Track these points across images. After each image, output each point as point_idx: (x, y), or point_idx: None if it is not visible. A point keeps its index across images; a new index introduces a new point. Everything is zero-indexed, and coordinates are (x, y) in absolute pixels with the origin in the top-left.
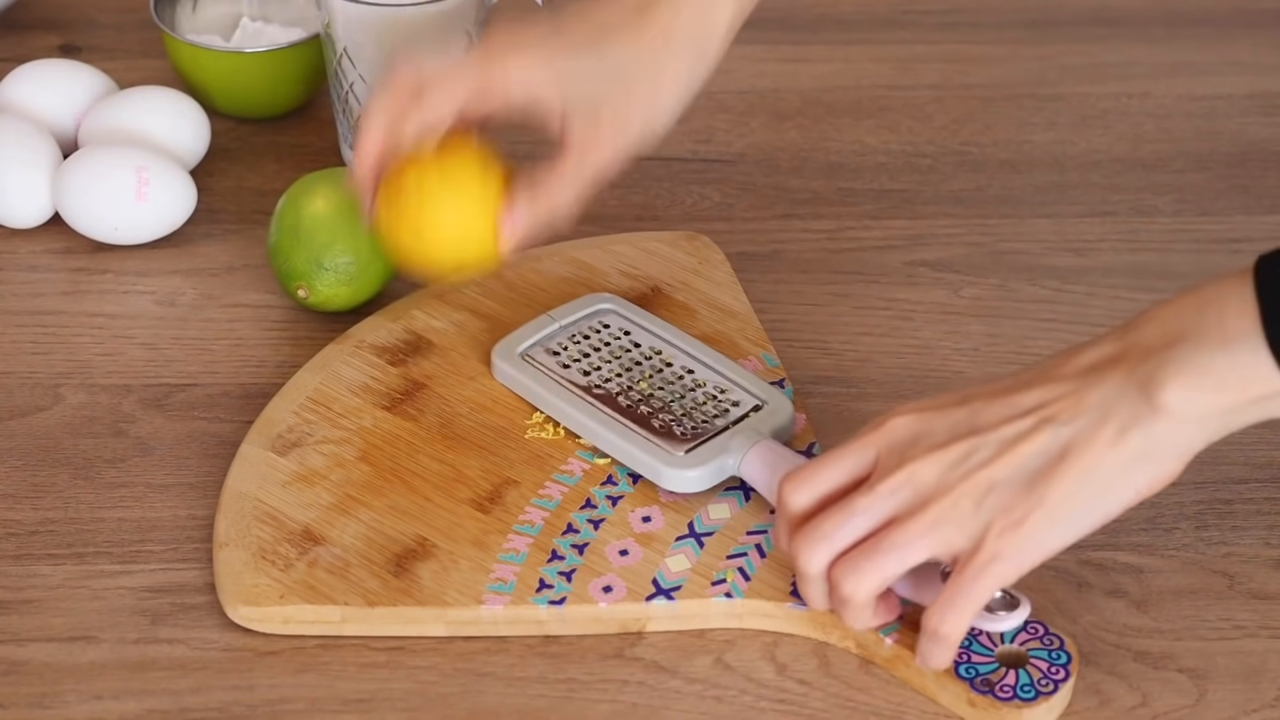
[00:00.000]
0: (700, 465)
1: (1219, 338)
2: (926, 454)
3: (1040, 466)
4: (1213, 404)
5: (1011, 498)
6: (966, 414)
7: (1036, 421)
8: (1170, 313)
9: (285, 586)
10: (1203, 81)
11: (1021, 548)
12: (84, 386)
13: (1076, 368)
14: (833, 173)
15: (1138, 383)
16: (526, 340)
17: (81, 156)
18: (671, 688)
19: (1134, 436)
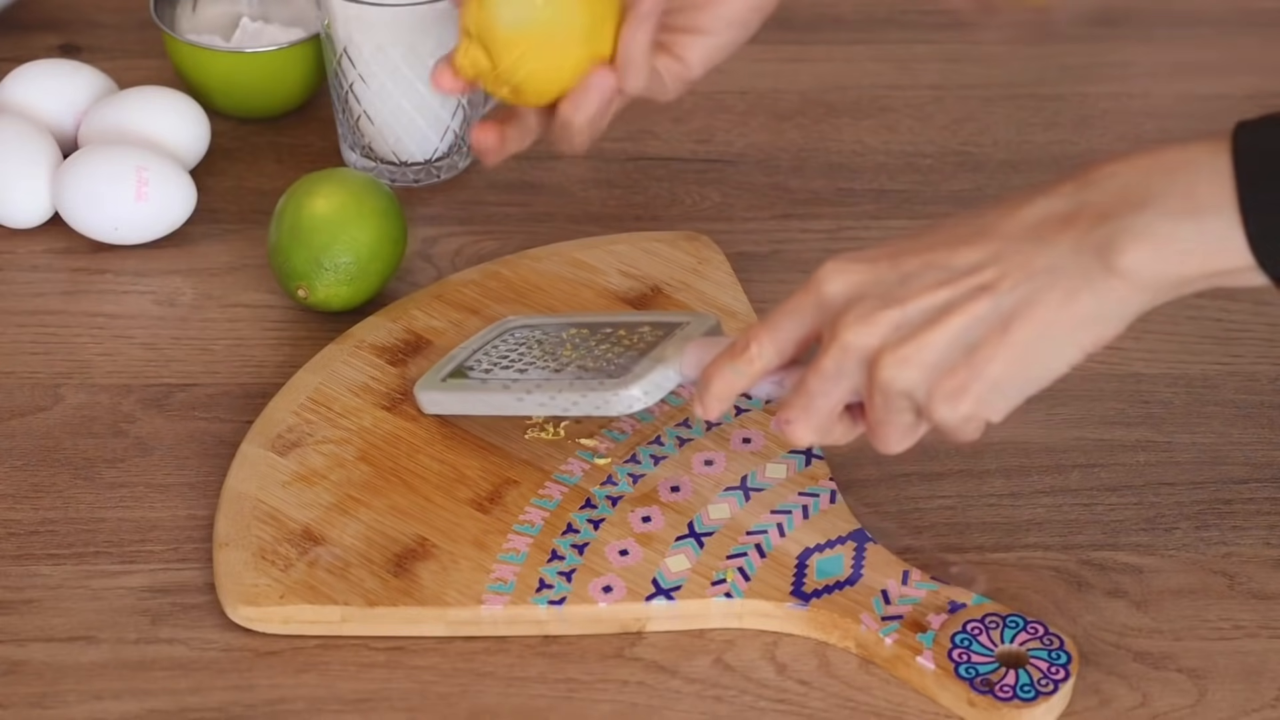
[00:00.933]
0: (641, 379)
1: (1188, 207)
2: (857, 323)
3: (980, 335)
4: (1173, 273)
5: (950, 369)
6: (898, 277)
7: (974, 289)
8: (1132, 174)
9: (285, 586)
10: (1203, 81)
11: (966, 415)
12: (84, 386)
13: (1021, 224)
14: (833, 173)
15: (1093, 245)
16: (444, 369)
17: (81, 156)
18: (671, 688)
19: (1084, 299)
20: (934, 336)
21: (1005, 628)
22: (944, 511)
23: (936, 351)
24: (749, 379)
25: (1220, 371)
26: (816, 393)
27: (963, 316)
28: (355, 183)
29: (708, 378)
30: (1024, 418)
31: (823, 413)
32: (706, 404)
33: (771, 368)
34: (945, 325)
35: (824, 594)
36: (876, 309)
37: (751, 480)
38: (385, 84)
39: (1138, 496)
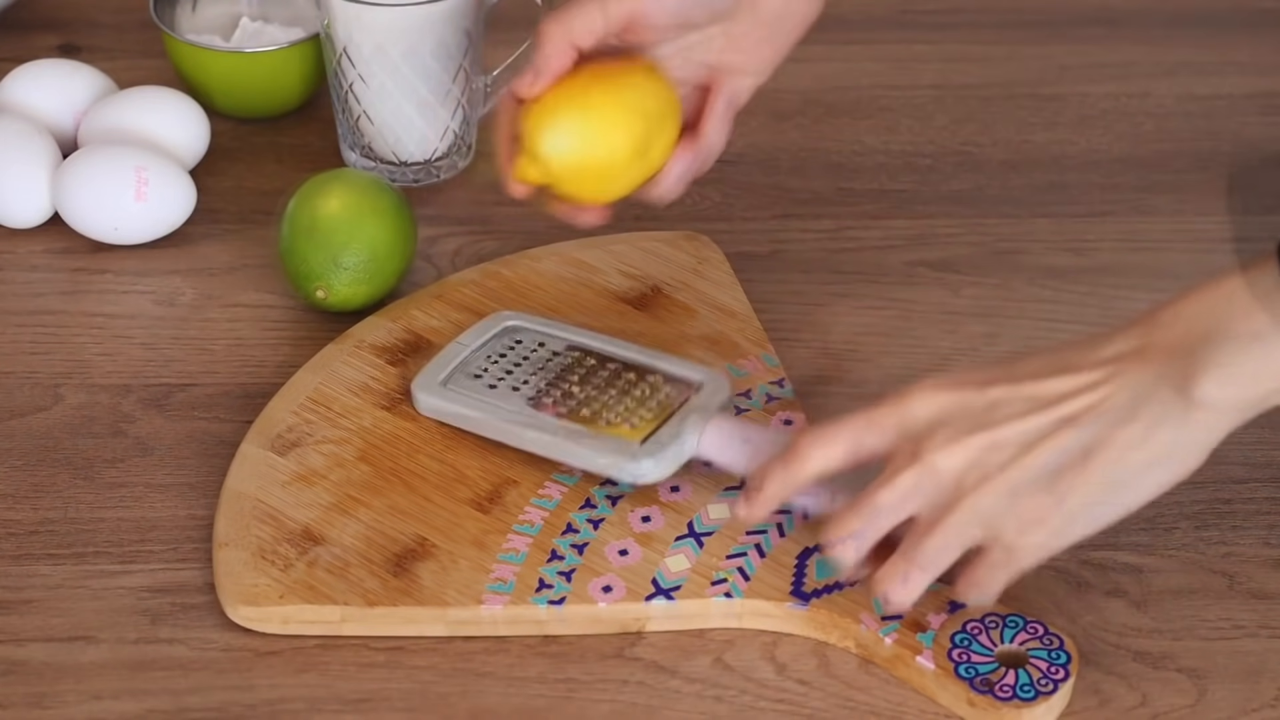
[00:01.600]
0: (658, 453)
1: (1249, 331)
2: (945, 446)
3: (1062, 465)
4: (1249, 395)
5: (1032, 498)
6: (985, 404)
7: (1059, 421)
8: (1194, 307)
9: (285, 586)
10: (1203, 81)
11: (1040, 544)
12: (84, 386)
13: (1098, 359)
14: (833, 173)
15: (1170, 380)
16: (444, 369)
17: (81, 156)
18: (671, 687)
19: (1163, 434)
20: (1022, 464)
21: (1005, 627)
22: None
23: (1023, 479)
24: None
25: None
26: (883, 509)
27: (1050, 446)
28: (363, 182)
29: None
30: None
31: (877, 534)
32: (755, 506)
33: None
34: (1034, 454)
35: (824, 594)
36: (966, 432)
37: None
38: (385, 84)
39: None
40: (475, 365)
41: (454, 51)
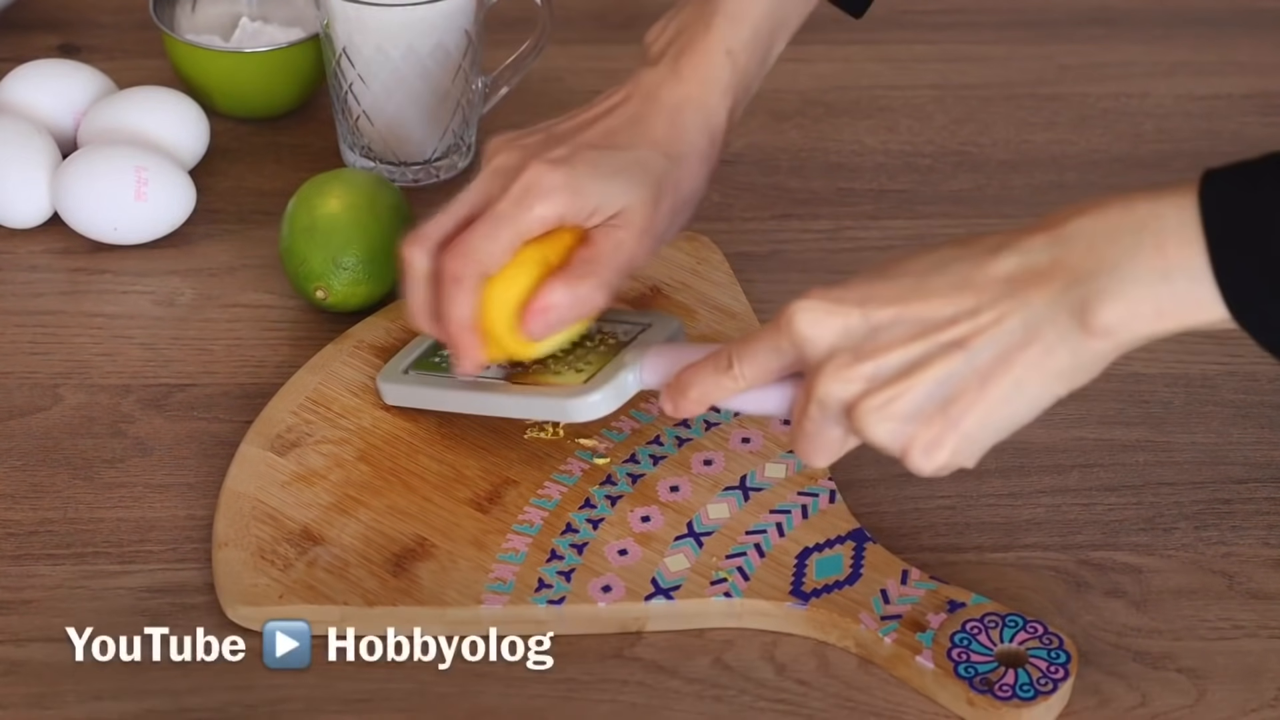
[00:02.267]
0: (601, 387)
1: (1159, 266)
2: (833, 377)
3: (954, 390)
4: (1149, 329)
5: (927, 423)
6: (870, 329)
7: (948, 345)
8: (1100, 230)
9: (284, 586)
10: (1203, 81)
11: (942, 464)
12: (83, 387)
13: (993, 277)
14: (832, 173)
15: (1068, 307)
16: (407, 359)
17: (81, 156)
18: (671, 687)
19: (1060, 355)
20: (908, 390)
21: (1004, 627)
22: (943, 511)
23: (911, 404)
24: (730, 392)
25: (1220, 371)
26: (812, 433)
27: (937, 371)
28: (364, 181)
29: (686, 382)
30: None
31: (827, 445)
32: (680, 405)
33: (754, 387)
34: (919, 379)
35: (823, 593)
36: (850, 362)
37: (751, 480)
38: (385, 84)
39: (1137, 496)
40: (438, 354)
41: (453, 52)
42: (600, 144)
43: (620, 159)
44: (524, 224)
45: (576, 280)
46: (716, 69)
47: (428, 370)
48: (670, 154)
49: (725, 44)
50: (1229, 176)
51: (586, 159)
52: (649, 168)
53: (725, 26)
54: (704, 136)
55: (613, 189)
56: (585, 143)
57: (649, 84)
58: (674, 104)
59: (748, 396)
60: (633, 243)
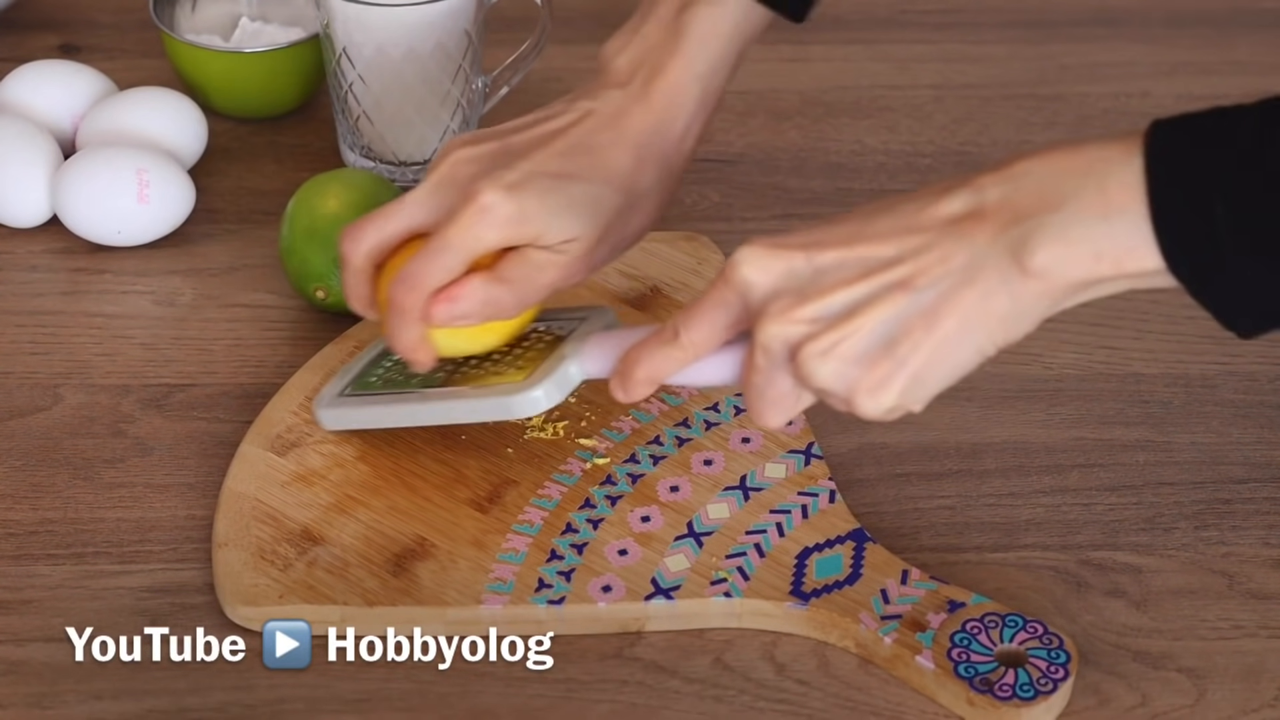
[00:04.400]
0: (542, 381)
1: (1100, 208)
2: (775, 320)
3: (899, 330)
4: (1084, 274)
5: (873, 365)
6: (814, 271)
7: (890, 285)
8: (1048, 173)
9: (284, 586)
10: (1203, 81)
11: (891, 406)
12: (83, 387)
13: (936, 218)
14: (832, 173)
15: (1008, 245)
16: (341, 383)
17: (80, 160)
18: (670, 687)
19: (999, 298)
20: (852, 330)
21: (1004, 627)
22: (943, 511)
23: (855, 345)
24: (680, 363)
25: (1219, 371)
26: (761, 385)
27: (881, 310)
28: (364, 181)
29: (632, 362)
30: (1023, 418)
31: (778, 399)
32: (630, 388)
33: (703, 354)
34: (863, 319)
35: (823, 593)
36: (793, 304)
37: (750, 480)
38: (385, 84)
39: (1137, 496)
40: (372, 373)
41: (453, 52)
42: (556, 171)
43: (574, 192)
44: (472, 250)
45: (495, 283)
46: (687, 94)
47: (364, 390)
48: (627, 190)
49: (696, 68)
50: (1175, 126)
51: (540, 188)
52: (602, 205)
53: (696, 49)
54: (663, 172)
55: (561, 223)
56: (540, 169)
57: (616, 107)
58: (642, 136)
59: (699, 367)
60: (563, 269)
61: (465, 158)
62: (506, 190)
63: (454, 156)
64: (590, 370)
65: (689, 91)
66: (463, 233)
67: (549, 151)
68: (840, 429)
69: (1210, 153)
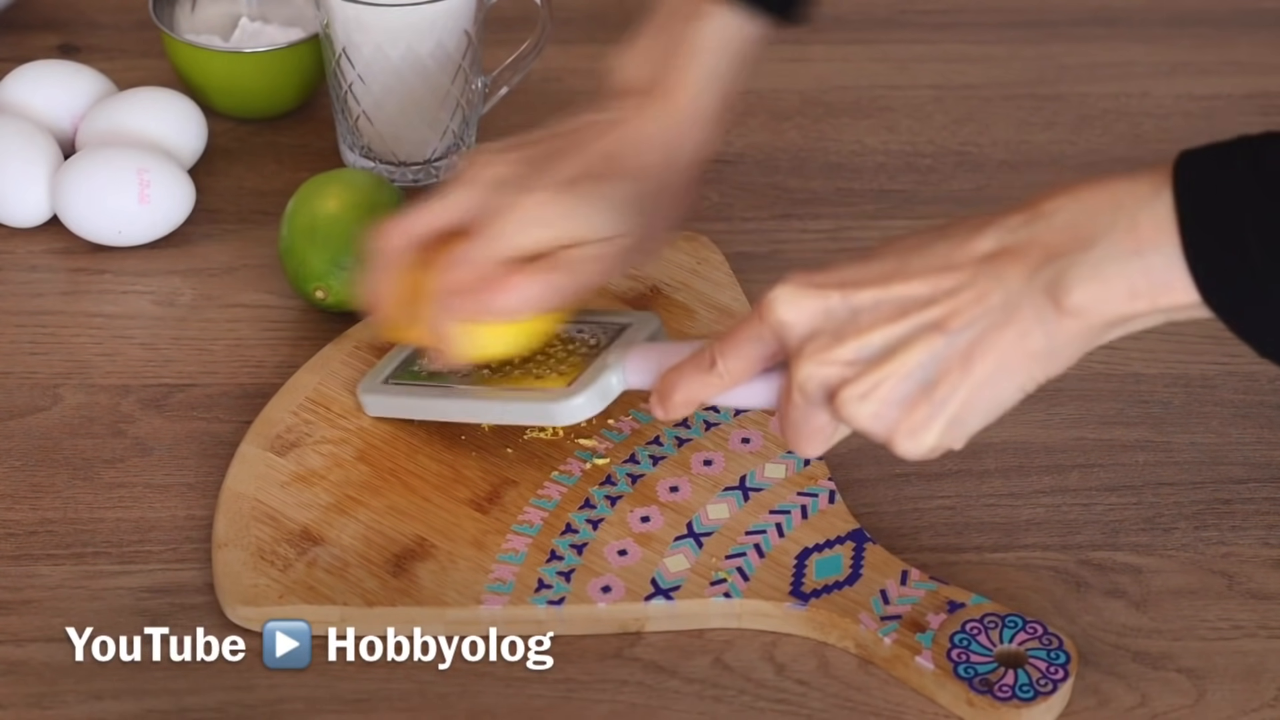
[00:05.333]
0: (585, 389)
1: (1132, 245)
2: (812, 360)
3: (937, 372)
4: (1122, 310)
5: (911, 407)
6: (850, 311)
7: (927, 325)
8: (1078, 209)
9: (284, 587)
10: (1203, 81)
11: (930, 447)
12: (83, 387)
13: (970, 256)
14: (832, 173)
15: (1043, 285)
16: (386, 369)
17: (80, 161)
18: (670, 688)
19: (1036, 337)
20: (889, 373)
21: (1004, 628)
22: (943, 511)
23: (894, 389)
24: (717, 390)
25: (1219, 371)
26: (799, 420)
27: (917, 352)
28: (363, 181)
29: (670, 385)
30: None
31: (814, 433)
32: (669, 409)
33: (739, 382)
34: (900, 361)
35: (823, 594)
36: (830, 345)
37: (750, 480)
38: (384, 84)
39: (1137, 496)
40: (417, 365)
41: (453, 52)
42: (599, 171)
43: (616, 190)
44: (521, 244)
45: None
46: (708, 97)
47: (409, 379)
48: (660, 190)
49: (712, 74)
50: (1202, 157)
51: (585, 189)
52: (641, 203)
53: (711, 53)
54: (690, 169)
55: (608, 219)
56: (584, 170)
57: (635, 114)
58: (669, 138)
59: (735, 392)
60: (605, 267)
61: (500, 161)
62: (557, 188)
63: (487, 160)
64: (632, 381)
65: (711, 94)
66: (513, 227)
67: (588, 154)
68: None
69: (1238, 183)
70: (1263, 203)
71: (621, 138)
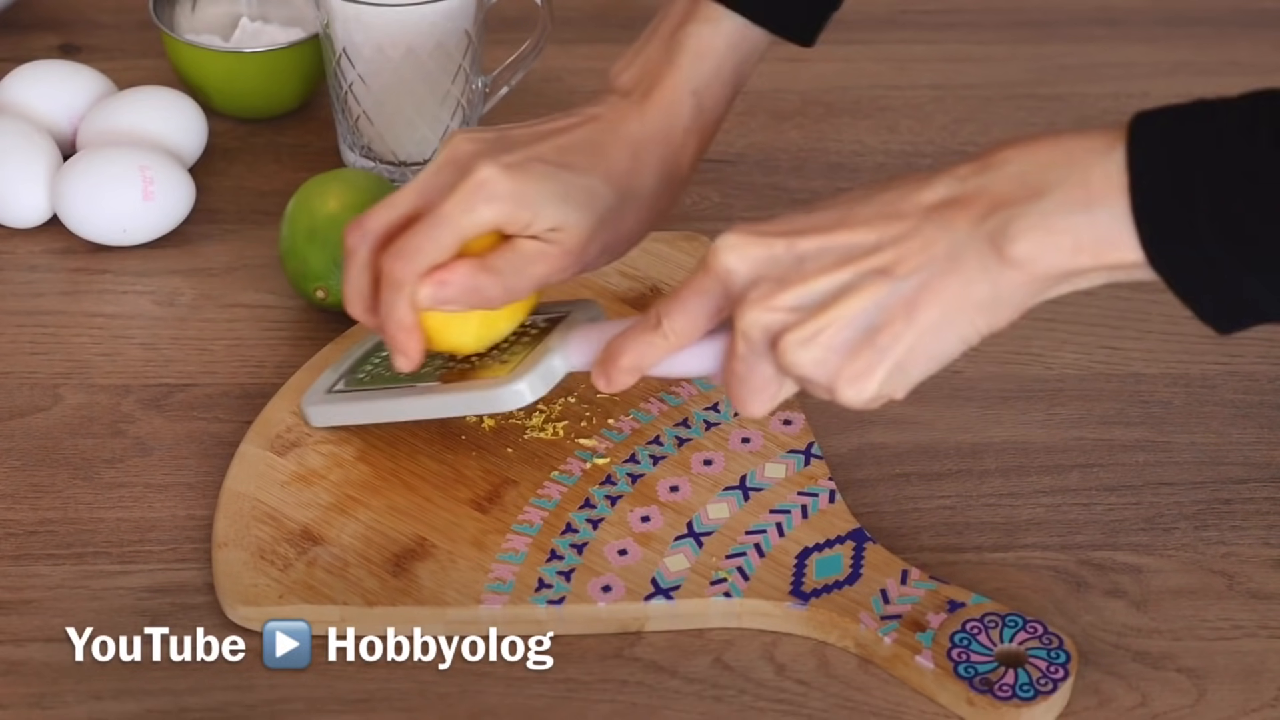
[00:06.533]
0: (526, 374)
1: (1081, 199)
2: (755, 307)
3: (880, 319)
4: (1065, 264)
5: (854, 354)
6: (795, 258)
7: (871, 272)
8: (1029, 162)
9: (284, 586)
10: (1203, 81)
11: (873, 395)
12: (83, 387)
13: (918, 205)
14: (832, 173)
15: (988, 233)
16: (328, 381)
17: (83, 159)
18: (670, 687)
19: (980, 286)
20: (833, 318)
21: (1004, 627)
22: (943, 511)
23: (837, 334)
24: (662, 352)
25: (1220, 371)
26: (743, 373)
27: (861, 298)
28: (364, 181)
29: (615, 351)
30: (1023, 418)
31: (760, 387)
32: (613, 377)
33: (686, 343)
34: (844, 307)
35: (823, 593)
36: (774, 291)
37: (750, 480)
38: (385, 84)
39: (1137, 496)
40: (360, 370)
41: (453, 52)
42: (555, 160)
43: (571, 181)
44: (465, 227)
45: (484, 271)
46: (681, 108)
47: (351, 386)
48: (623, 190)
49: (691, 84)
50: (1158, 118)
51: (538, 172)
52: (597, 198)
53: (690, 65)
54: (661, 179)
55: (556, 209)
56: (540, 155)
57: (616, 114)
58: (639, 139)
59: (682, 357)
60: (554, 261)
61: (467, 139)
62: (504, 169)
63: (455, 140)
64: (575, 363)
65: (684, 103)
66: (457, 207)
67: (549, 144)
68: (840, 429)
69: (1193, 146)
70: (1215, 165)
71: (592, 132)
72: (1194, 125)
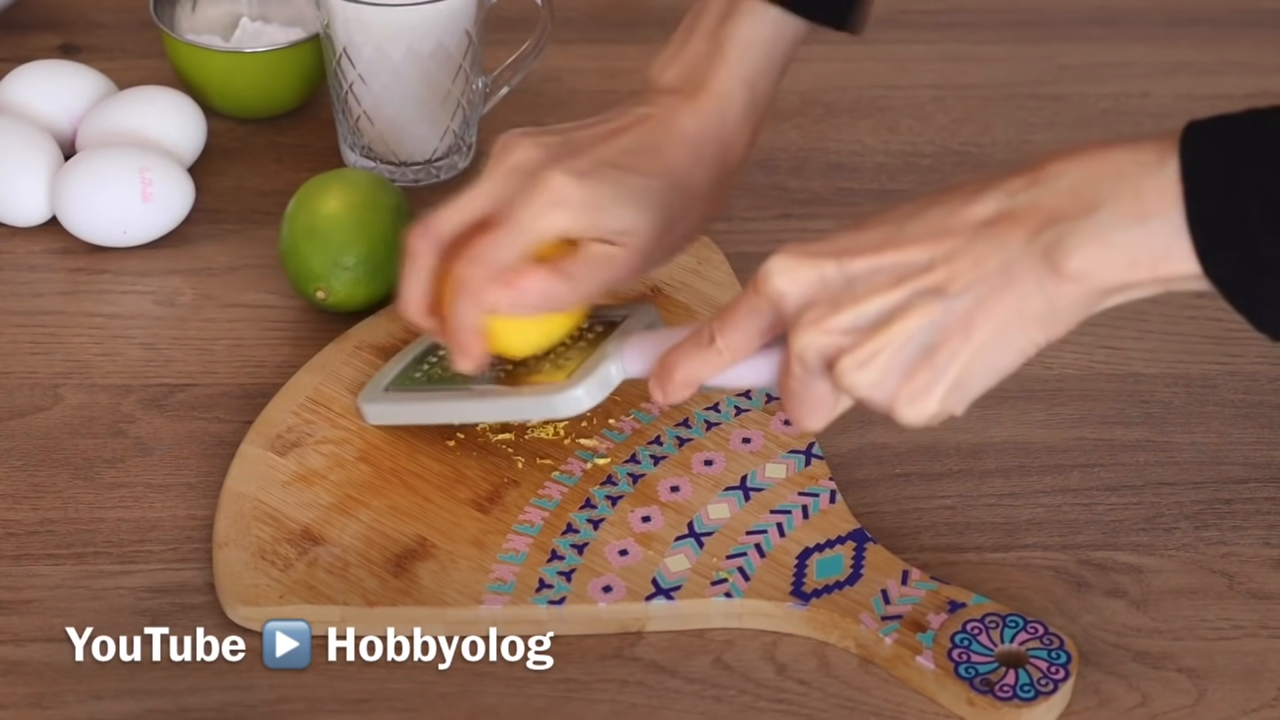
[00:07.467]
0: (583, 380)
1: (1135, 212)
2: (808, 331)
3: (937, 337)
4: (1121, 277)
5: (911, 373)
6: (846, 280)
7: (924, 292)
8: (1081, 175)
9: (285, 587)
10: (1203, 81)
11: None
12: (83, 387)
13: (968, 221)
14: (832, 173)
15: (1042, 248)
16: (385, 379)
17: (83, 161)
18: (671, 688)
19: (1035, 300)
20: (888, 340)
21: (1005, 627)
22: (944, 511)
23: (893, 356)
24: (716, 367)
25: (1220, 371)
26: (799, 391)
27: (916, 318)
28: (364, 181)
29: (670, 365)
30: (1023, 418)
31: (816, 404)
32: (669, 390)
33: (740, 359)
34: (899, 327)
35: (824, 594)
36: (827, 314)
37: (751, 480)
38: (385, 84)
39: (1137, 496)
40: (417, 371)
41: (454, 52)
42: (621, 164)
43: (637, 184)
44: (538, 234)
45: (557, 276)
46: (734, 101)
47: (408, 386)
48: (684, 188)
49: (742, 75)
50: (1210, 128)
51: (608, 178)
52: (662, 198)
53: (740, 57)
54: (718, 173)
55: (624, 213)
56: (606, 160)
57: (667, 112)
58: (695, 137)
59: (735, 370)
60: (623, 264)
61: (530, 146)
62: (578, 176)
63: (519, 146)
64: (631, 370)
65: (737, 95)
66: (532, 215)
67: (613, 147)
68: (840, 429)
69: (1245, 155)
70: (1267, 175)
71: (649, 133)
72: (1246, 135)
